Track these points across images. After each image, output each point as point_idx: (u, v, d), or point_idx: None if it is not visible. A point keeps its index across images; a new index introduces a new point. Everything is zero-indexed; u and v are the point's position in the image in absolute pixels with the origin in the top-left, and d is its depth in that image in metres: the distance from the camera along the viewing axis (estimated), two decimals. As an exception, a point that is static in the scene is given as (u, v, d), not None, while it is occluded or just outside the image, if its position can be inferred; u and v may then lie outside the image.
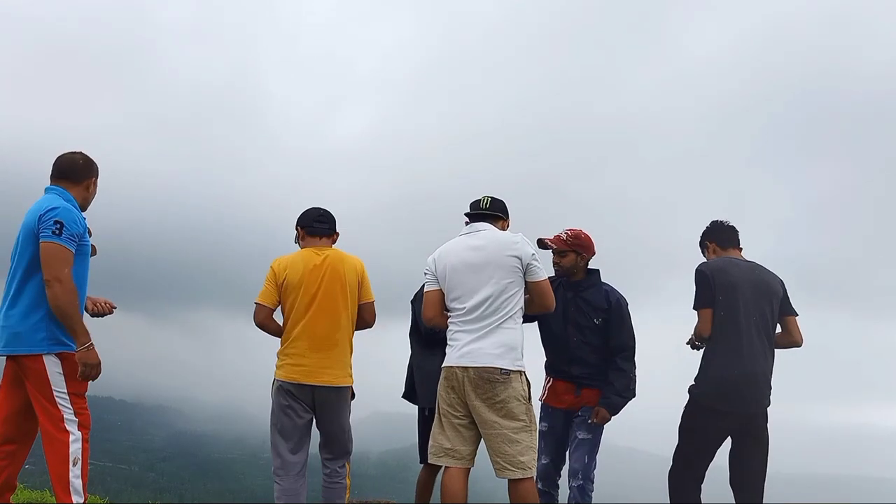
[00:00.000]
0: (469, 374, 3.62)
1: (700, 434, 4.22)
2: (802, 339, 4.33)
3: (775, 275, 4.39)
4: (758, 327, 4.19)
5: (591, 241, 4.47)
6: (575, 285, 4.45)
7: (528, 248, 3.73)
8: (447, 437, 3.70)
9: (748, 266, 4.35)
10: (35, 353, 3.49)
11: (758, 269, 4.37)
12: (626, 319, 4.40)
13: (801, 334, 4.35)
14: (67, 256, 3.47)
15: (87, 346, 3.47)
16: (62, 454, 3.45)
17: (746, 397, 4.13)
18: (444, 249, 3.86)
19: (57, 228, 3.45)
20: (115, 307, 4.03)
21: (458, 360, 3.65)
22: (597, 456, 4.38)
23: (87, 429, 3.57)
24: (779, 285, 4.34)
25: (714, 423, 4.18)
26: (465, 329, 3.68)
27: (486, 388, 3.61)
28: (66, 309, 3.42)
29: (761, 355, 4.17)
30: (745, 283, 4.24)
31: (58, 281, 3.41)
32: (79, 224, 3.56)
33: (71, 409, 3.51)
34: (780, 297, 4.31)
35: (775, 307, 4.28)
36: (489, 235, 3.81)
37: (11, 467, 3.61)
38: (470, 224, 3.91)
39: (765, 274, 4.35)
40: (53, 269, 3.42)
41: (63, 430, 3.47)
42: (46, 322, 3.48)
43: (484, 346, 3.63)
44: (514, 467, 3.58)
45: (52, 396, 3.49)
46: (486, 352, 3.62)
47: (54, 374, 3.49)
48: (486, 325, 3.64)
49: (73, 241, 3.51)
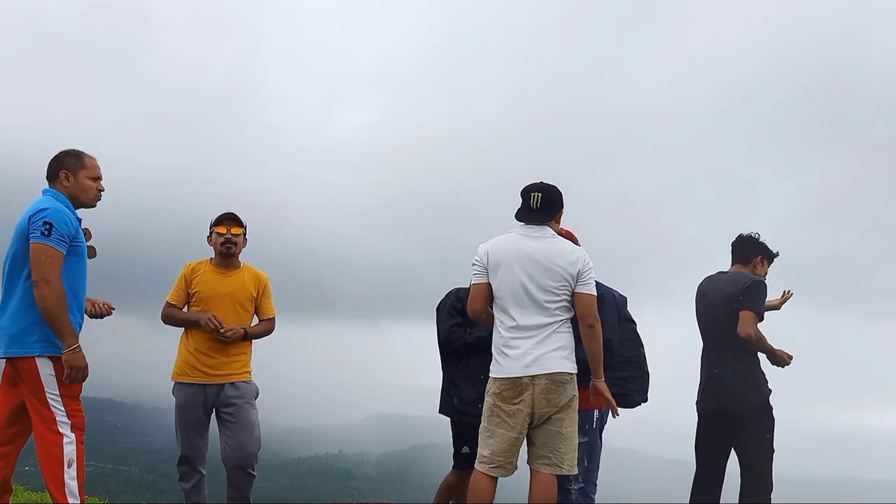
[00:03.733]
0: (541, 381, 3.61)
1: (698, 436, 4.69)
2: (744, 332, 4.40)
3: (738, 275, 4.67)
4: (715, 334, 4.64)
5: (575, 238, 4.40)
6: None
7: (585, 262, 3.73)
8: (503, 452, 3.65)
9: (722, 277, 4.77)
10: (28, 356, 3.47)
11: (728, 276, 4.74)
12: (606, 314, 4.26)
13: (743, 326, 4.41)
14: (57, 257, 3.44)
15: (74, 348, 3.44)
16: (56, 456, 3.44)
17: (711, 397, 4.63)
18: (499, 245, 3.78)
19: (46, 229, 3.42)
20: (113, 308, 4.00)
21: (526, 370, 3.61)
22: (599, 457, 4.37)
23: (81, 430, 3.54)
24: (735, 287, 4.57)
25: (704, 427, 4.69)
26: (522, 336, 3.65)
27: (558, 392, 3.63)
28: (53, 310, 3.39)
29: (716, 361, 4.61)
30: (707, 294, 4.73)
31: (45, 282, 3.39)
32: (70, 225, 3.52)
33: (63, 410, 3.49)
34: (734, 296, 4.53)
35: (730, 310, 4.53)
36: (551, 242, 3.77)
37: (7, 469, 3.59)
38: (527, 225, 3.83)
39: (720, 279, 4.75)
40: (41, 270, 3.40)
41: (56, 433, 3.45)
42: (40, 324, 3.46)
43: (549, 351, 3.63)
44: (564, 464, 3.67)
45: (45, 398, 3.47)
46: (554, 356, 3.63)
47: (47, 376, 3.47)
48: (546, 329, 3.65)
49: (64, 242, 3.48)
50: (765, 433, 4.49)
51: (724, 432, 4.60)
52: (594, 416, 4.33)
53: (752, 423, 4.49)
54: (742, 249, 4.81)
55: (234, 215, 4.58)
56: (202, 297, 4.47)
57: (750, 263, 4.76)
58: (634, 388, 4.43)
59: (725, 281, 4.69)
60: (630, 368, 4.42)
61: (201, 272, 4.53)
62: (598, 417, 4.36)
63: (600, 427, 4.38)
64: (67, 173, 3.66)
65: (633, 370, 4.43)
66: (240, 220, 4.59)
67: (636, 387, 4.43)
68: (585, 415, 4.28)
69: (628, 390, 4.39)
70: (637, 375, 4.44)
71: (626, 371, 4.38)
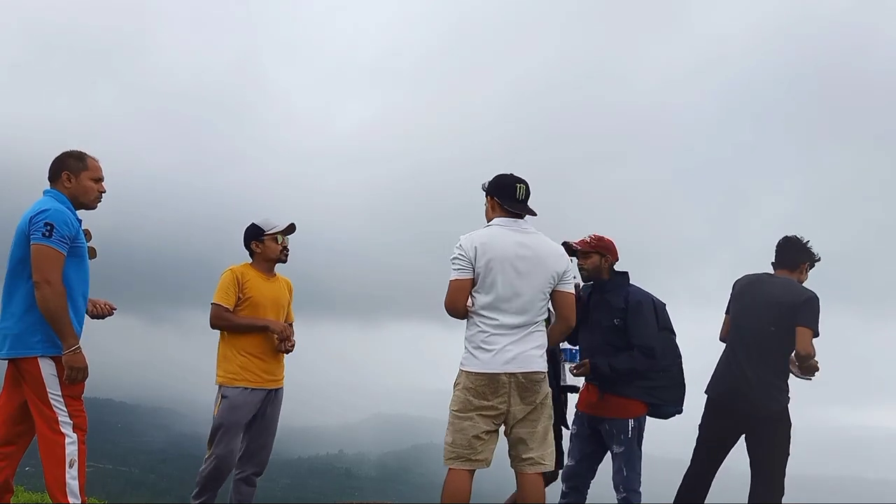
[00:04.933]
0: (517, 378, 3.61)
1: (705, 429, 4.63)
2: (805, 350, 4.29)
3: (792, 284, 4.52)
4: (754, 337, 4.48)
5: (613, 244, 4.50)
6: (601, 287, 4.47)
7: (569, 261, 3.79)
8: (470, 444, 3.63)
9: (760, 279, 4.66)
10: (30, 356, 3.48)
11: (767, 280, 4.62)
12: (647, 320, 4.31)
13: (803, 344, 4.30)
14: (57, 258, 3.45)
15: (74, 349, 3.46)
16: (58, 456, 3.44)
17: (735, 398, 4.52)
18: (487, 240, 3.68)
19: (47, 230, 3.43)
20: (115, 308, 4.01)
21: (505, 367, 3.59)
22: (639, 466, 4.33)
23: (83, 431, 3.55)
24: (792, 298, 4.40)
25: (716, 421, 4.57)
26: (503, 333, 3.63)
27: (533, 389, 3.64)
28: (54, 311, 3.41)
29: (746, 362, 4.47)
30: (754, 295, 4.57)
31: (46, 283, 3.40)
32: (70, 226, 3.53)
33: (66, 411, 3.49)
34: (786, 307, 4.37)
35: (775, 317, 4.39)
36: (539, 239, 3.76)
37: (9, 469, 3.60)
38: (514, 219, 3.76)
39: (772, 284, 4.58)
40: (42, 271, 3.41)
41: (58, 433, 3.46)
42: (42, 324, 3.46)
43: (528, 349, 3.63)
44: (544, 463, 3.68)
45: (47, 398, 3.47)
46: (532, 355, 3.64)
47: (49, 377, 3.48)
48: (526, 328, 3.65)
49: (64, 243, 3.49)
50: (785, 437, 4.48)
51: (735, 430, 4.52)
52: (629, 426, 4.30)
53: (776, 427, 4.46)
54: (790, 254, 4.67)
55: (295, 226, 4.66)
56: (254, 302, 4.48)
57: (797, 269, 4.64)
58: (669, 400, 4.39)
59: (780, 287, 4.52)
60: (665, 379, 4.36)
61: (251, 277, 4.52)
62: (635, 427, 4.32)
63: (638, 436, 4.34)
64: (69, 174, 3.66)
65: (668, 381, 4.38)
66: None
67: (671, 398, 4.39)
68: (620, 424, 4.30)
69: (663, 401, 4.37)
70: (672, 386, 4.39)
71: (660, 381, 4.34)
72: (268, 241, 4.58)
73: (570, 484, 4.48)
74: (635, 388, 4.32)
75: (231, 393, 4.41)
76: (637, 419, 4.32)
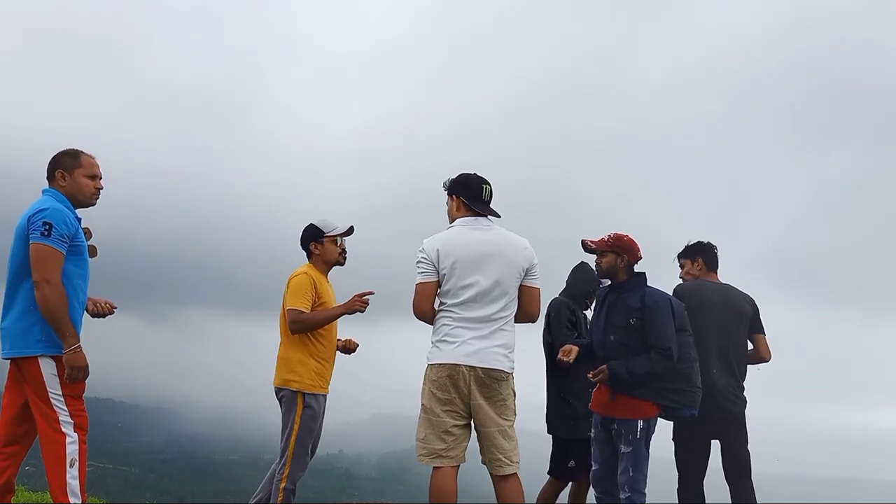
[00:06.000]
0: (477, 373, 3.62)
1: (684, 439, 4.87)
2: (769, 356, 4.95)
3: (747, 295, 4.93)
4: (720, 346, 4.75)
5: (633, 244, 4.42)
6: (618, 287, 4.45)
7: (534, 256, 3.79)
8: (441, 439, 3.67)
9: (721, 288, 4.92)
10: (31, 356, 3.48)
11: (729, 290, 4.91)
12: (663, 320, 4.26)
13: (768, 350, 4.97)
14: (57, 258, 3.45)
15: (75, 348, 3.45)
16: (59, 455, 3.44)
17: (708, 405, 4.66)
18: (450, 241, 3.74)
19: (46, 230, 3.43)
20: (115, 307, 4.00)
21: (465, 359, 3.62)
22: (646, 467, 4.31)
23: (84, 430, 3.55)
24: (748, 305, 4.89)
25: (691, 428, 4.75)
26: (467, 326, 3.65)
27: (493, 387, 3.66)
28: (54, 311, 3.40)
29: (725, 368, 4.75)
30: (715, 304, 4.80)
31: (46, 282, 3.40)
32: (69, 224, 3.53)
33: (66, 410, 3.49)
34: (748, 316, 4.87)
35: (743, 327, 4.86)
36: (501, 234, 3.78)
37: (12, 469, 3.60)
38: (474, 217, 3.80)
39: (734, 295, 4.90)
40: (42, 270, 3.41)
41: (59, 432, 3.46)
42: (42, 324, 3.46)
43: (490, 346, 3.64)
44: (512, 462, 3.69)
45: (48, 398, 3.47)
46: (494, 353, 3.65)
47: (49, 376, 3.48)
48: (492, 325, 3.66)
49: (63, 242, 3.48)
50: (746, 438, 4.87)
51: (709, 436, 4.82)
52: (637, 427, 4.27)
53: (743, 426, 4.84)
54: (715, 258, 5.06)
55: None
56: (325, 307, 4.48)
57: (716, 273, 5.05)
58: (684, 402, 4.32)
59: (739, 297, 4.91)
60: (680, 381, 4.30)
61: (320, 281, 4.51)
62: (643, 428, 4.29)
63: (646, 437, 4.30)
64: (63, 172, 3.66)
65: (683, 383, 4.31)
66: None
67: (686, 401, 4.33)
68: (629, 425, 4.28)
69: (677, 404, 4.31)
70: (687, 388, 4.32)
71: (675, 383, 4.28)
72: (327, 242, 4.56)
73: (601, 488, 4.47)
74: (647, 389, 4.27)
75: (314, 402, 4.38)
76: (646, 420, 4.28)
